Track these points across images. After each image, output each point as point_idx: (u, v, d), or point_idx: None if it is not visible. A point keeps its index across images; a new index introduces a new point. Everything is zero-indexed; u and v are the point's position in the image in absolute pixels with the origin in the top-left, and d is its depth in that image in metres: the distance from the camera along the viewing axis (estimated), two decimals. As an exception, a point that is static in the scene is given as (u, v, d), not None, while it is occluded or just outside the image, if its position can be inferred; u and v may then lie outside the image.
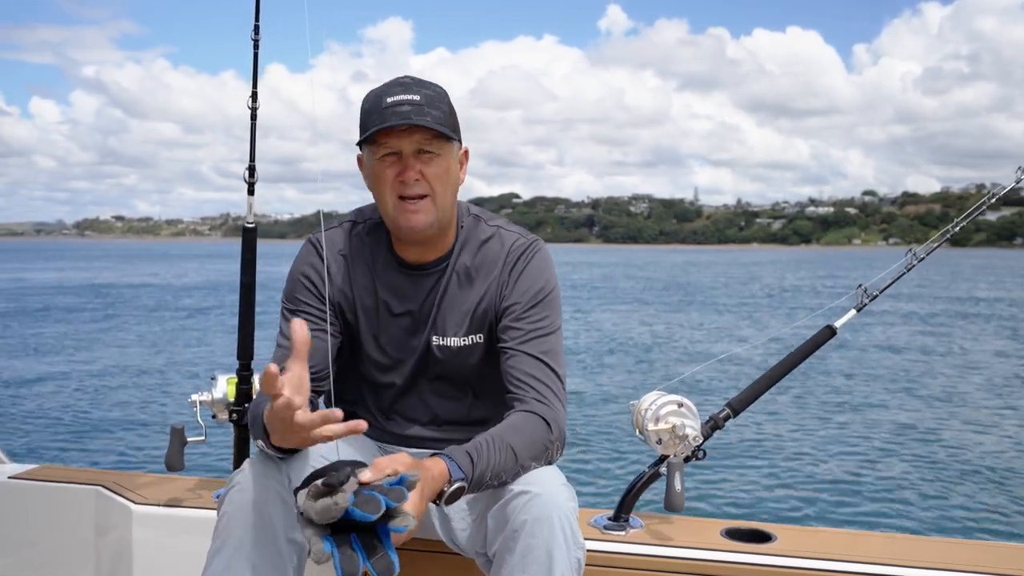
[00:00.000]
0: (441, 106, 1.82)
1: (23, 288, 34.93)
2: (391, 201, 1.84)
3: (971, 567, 2.00)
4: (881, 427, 10.22)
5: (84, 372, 13.85)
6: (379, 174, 1.84)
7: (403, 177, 1.81)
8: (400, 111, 1.77)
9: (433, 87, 1.85)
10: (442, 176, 1.84)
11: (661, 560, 2.05)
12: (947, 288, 42.84)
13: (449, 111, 1.84)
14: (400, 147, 1.80)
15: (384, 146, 1.81)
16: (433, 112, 1.80)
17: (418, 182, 1.81)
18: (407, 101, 1.78)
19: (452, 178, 1.87)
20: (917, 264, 2.27)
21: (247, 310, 2.39)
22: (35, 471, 2.52)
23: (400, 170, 1.81)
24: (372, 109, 1.81)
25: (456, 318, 1.95)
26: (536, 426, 1.77)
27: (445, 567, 2.04)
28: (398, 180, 1.81)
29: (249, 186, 2.41)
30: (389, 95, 1.80)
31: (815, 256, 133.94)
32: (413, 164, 1.81)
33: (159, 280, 42.67)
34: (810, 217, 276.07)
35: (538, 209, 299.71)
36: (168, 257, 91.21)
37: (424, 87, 1.83)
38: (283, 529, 1.64)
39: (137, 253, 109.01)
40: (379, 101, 1.80)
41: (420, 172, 1.81)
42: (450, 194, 1.88)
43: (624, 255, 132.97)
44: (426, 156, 1.81)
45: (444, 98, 1.84)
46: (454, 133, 1.84)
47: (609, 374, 14.45)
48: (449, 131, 1.81)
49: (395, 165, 1.82)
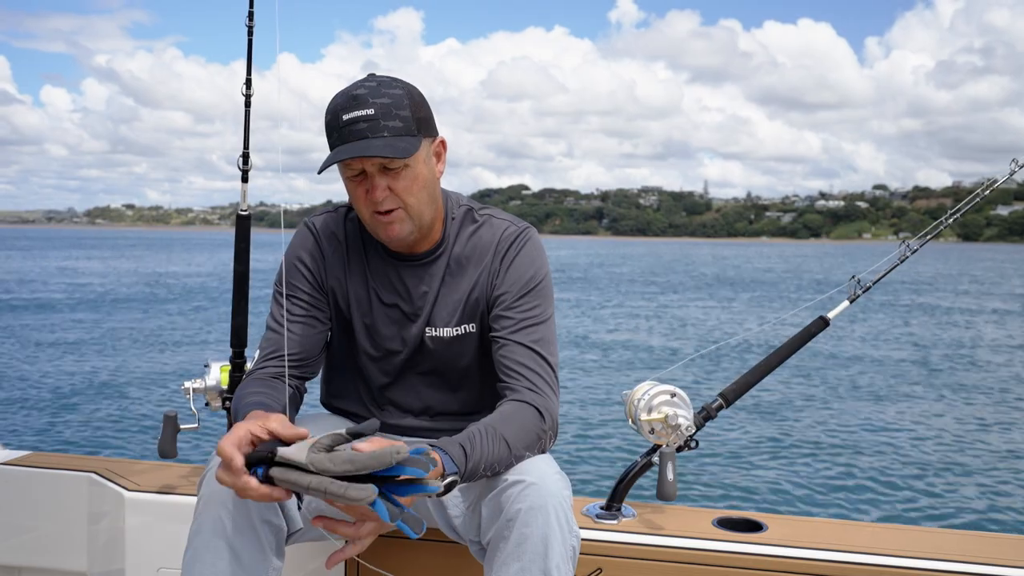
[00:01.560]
0: (400, 112, 1.76)
1: (22, 278, 34.96)
2: (366, 215, 1.83)
3: (962, 557, 2.00)
4: (873, 418, 10.25)
5: (78, 359, 13.89)
6: (351, 191, 1.83)
7: (372, 196, 1.78)
8: (355, 130, 1.73)
9: (391, 90, 1.77)
10: (411, 187, 1.80)
11: (653, 549, 2.05)
12: (947, 282, 42.77)
13: (412, 113, 1.78)
14: (363, 167, 1.78)
15: (348, 167, 1.79)
16: (391, 124, 1.74)
17: (387, 197, 1.79)
18: (362, 118, 1.73)
19: (425, 182, 1.83)
20: (910, 256, 2.26)
21: (241, 298, 2.38)
22: (28, 458, 2.52)
23: (368, 189, 1.79)
24: (331, 126, 1.77)
25: (448, 308, 1.94)
26: (529, 416, 1.77)
27: (438, 554, 2.04)
28: (368, 198, 1.79)
29: (243, 174, 2.40)
30: (345, 111, 1.75)
31: (831, 249, 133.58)
32: (379, 183, 1.78)
33: (165, 268, 42.88)
34: (820, 211, 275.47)
35: (547, 201, 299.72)
36: (177, 245, 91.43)
37: (380, 95, 1.76)
38: (257, 511, 1.64)
39: (147, 241, 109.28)
40: (336, 118, 1.76)
41: (388, 188, 1.78)
42: (425, 198, 1.84)
43: (632, 248, 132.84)
44: (391, 172, 1.78)
45: (403, 100, 1.77)
46: (419, 134, 1.79)
47: (602, 363, 14.47)
48: (407, 146, 1.75)
49: (363, 183, 1.79)
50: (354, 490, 1.34)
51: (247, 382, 1.86)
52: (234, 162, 2.41)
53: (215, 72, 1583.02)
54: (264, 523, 1.66)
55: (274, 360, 1.89)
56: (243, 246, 2.39)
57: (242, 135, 2.39)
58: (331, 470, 1.36)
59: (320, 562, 2.16)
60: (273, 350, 1.90)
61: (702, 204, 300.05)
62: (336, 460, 1.37)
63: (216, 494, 1.64)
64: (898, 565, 1.98)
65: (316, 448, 1.39)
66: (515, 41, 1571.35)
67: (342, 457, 1.37)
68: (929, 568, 1.97)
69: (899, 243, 2.25)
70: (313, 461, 1.37)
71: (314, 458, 1.38)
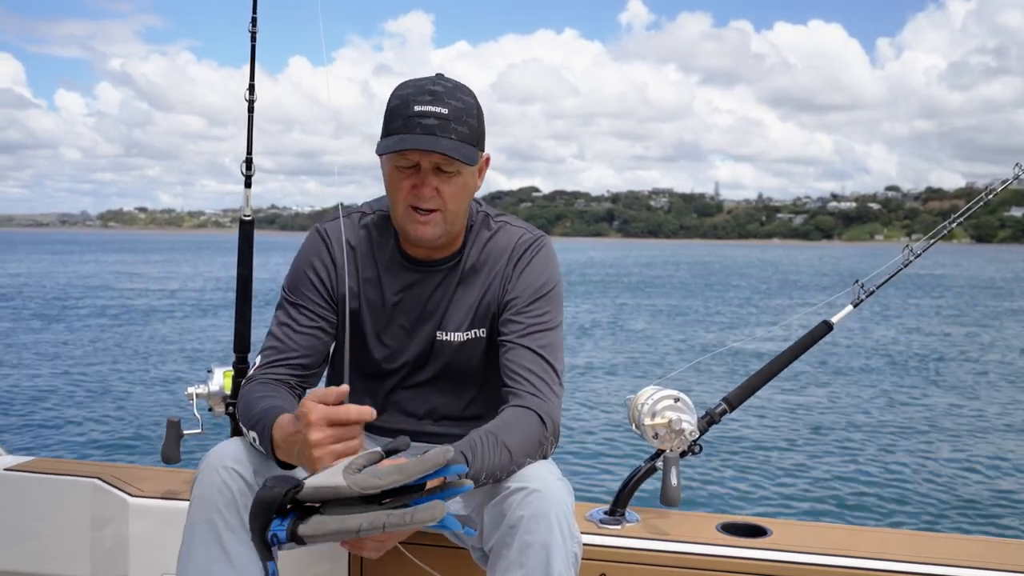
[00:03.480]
0: (469, 120, 1.78)
1: (24, 284, 35.13)
2: (402, 208, 1.82)
3: (969, 563, 1.98)
4: (877, 422, 10.19)
5: (82, 364, 13.92)
6: (394, 181, 1.82)
7: (418, 191, 1.79)
8: (425, 124, 1.73)
9: (463, 97, 1.79)
10: (458, 194, 1.82)
11: (657, 554, 2.04)
12: (949, 284, 42.61)
13: (477, 123, 1.80)
14: (419, 161, 1.78)
15: (403, 157, 1.78)
16: (459, 129, 1.76)
17: (432, 198, 1.79)
18: (434, 114, 1.74)
19: (469, 192, 1.85)
20: (914, 260, 2.25)
21: (244, 303, 2.38)
22: (32, 463, 2.53)
23: (416, 183, 1.79)
24: (397, 112, 1.77)
25: (460, 313, 1.94)
26: (530, 422, 1.76)
27: (441, 560, 2.03)
28: (412, 192, 1.79)
29: (246, 179, 2.40)
30: (418, 102, 1.75)
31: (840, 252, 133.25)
32: (430, 180, 1.78)
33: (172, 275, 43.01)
34: (832, 212, 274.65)
35: (558, 203, 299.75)
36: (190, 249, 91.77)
37: (454, 98, 1.77)
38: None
39: (159, 246, 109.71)
40: (406, 106, 1.75)
41: (436, 189, 1.79)
42: (463, 208, 1.86)
43: (640, 249, 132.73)
44: (444, 175, 1.79)
45: (473, 110, 1.80)
46: (478, 147, 1.81)
47: (606, 368, 14.43)
48: (471, 153, 1.77)
49: (412, 177, 1.79)
50: (421, 512, 1.24)
51: (252, 386, 1.85)
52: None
53: (228, 76, 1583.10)
54: None
55: (276, 368, 1.89)
56: (246, 249, 2.39)
57: (255, 139, 2.39)
58: (378, 485, 1.26)
59: (316, 564, 2.16)
60: (276, 358, 1.90)
61: (713, 206, 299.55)
62: (381, 473, 1.27)
63: (208, 495, 1.65)
64: (904, 571, 1.97)
65: (351, 470, 1.28)
66: (525, 44, 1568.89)
67: (386, 469, 1.27)
68: (935, 574, 1.96)
69: (903, 246, 2.23)
70: (356, 482, 1.26)
71: (356, 479, 1.26)
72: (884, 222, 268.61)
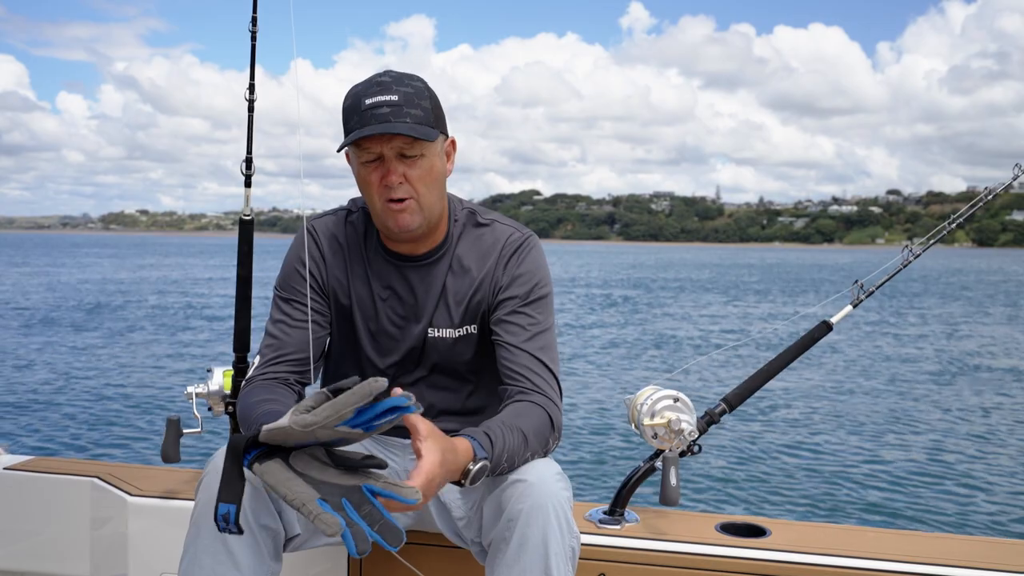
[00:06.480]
0: (421, 103, 1.80)
1: (25, 285, 35.13)
2: (378, 204, 1.84)
3: (967, 563, 1.99)
4: (876, 422, 10.18)
5: (81, 363, 13.91)
6: (364, 178, 1.84)
7: (386, 181, 1.80)
8: (379, 114, 1.76)
9: (412, 82, 1.82)
10: (425, 177, 1.83)
11: (656, 554, 2.05)
12: (951, 285, 42.62)
13: (431, 105, 1.82)
14: (381, 151, 1.80)
15: (366, 151, 1.80)
16: (412, 111, 1.78)
17: (402, 185, 1.81)
18: (385, 103, 1.76)
19: (436, 175, 1.86)
20: (913, 260, 2.26)
21: (244, 302, 2.38)
22: (31, 462, 2.53)
23: (383, 174, 1.81)
24: (352, 110, 1.80)
25: (450, 309, 1.95)
26: (540, 415, 1.79)
27: (441, 558, 2.04)
28: (382, 184, 1.81)
29: (246, 178, 2.40)
30: (368, 95, 1.78)
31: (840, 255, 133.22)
32: (396, 168, 1.80)
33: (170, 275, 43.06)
34: (833, 216, 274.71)
35: (559, 206, 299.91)
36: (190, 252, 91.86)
37: (403, 84, 1.80)
38: (254, 516, 1.64)
39: (160, 249, 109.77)
40: (358, 102, 1.78)
41: (403, 175, 1.80)
42: (436, 191, 1.87)
43: (643, 253, 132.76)
44: (408, 160, 1.80)
45: (424, 92, 1.82)
46: (436, 128, 1.83)
47: (605, 368, 14.41)
48: (429, 131, 1.79)
49: (378, 169, 1.81)
50: (321, 521, 1.33)
51: (251, 389, 1.85)
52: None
53: (231, 79, 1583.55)
54: (262, 528, 1.66)
55: (275, 365, 1.90)
56: (246, 250, 2.39)
57: (258, 142, 2.40)
58: (313, 422, 1.34)
59: (316, 564, 2.16)
60: (274, 356, 1.91)
61: (714, 209, 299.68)
62: (319, 413, 1.35)
63: (214, 499, 1.64)
64: (903, 571, 1.97)
65: (299, 411, 1.37)
66: (527, 47, 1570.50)
67: (324, 408, 1.35)
68: (934, 574, 1.96)
69: (902, 247, 2.24)
70: (295, 422, 1.36)
71: (296, 419, 1.36)
72: (885, 226, 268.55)
